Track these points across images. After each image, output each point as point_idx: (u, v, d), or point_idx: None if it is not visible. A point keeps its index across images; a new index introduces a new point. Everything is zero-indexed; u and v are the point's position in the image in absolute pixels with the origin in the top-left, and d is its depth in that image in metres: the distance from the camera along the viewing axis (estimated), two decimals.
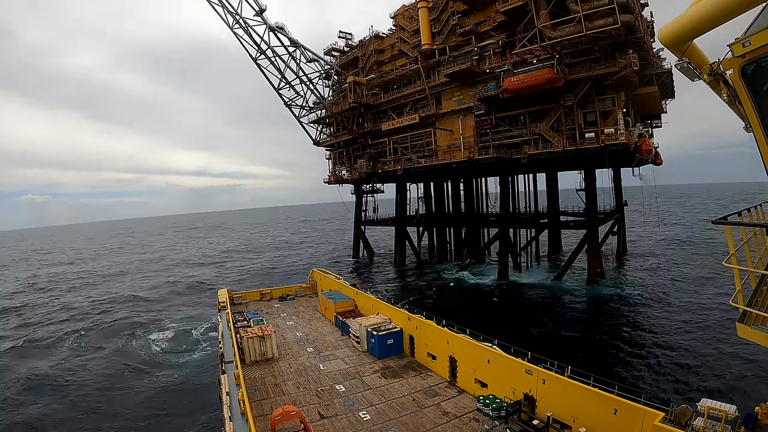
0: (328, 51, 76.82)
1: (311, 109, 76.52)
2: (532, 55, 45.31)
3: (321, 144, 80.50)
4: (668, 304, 39.24)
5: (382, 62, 69.46)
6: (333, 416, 19.88)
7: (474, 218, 74.09)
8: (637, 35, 40.71)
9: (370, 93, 68.79)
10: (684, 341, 30.40)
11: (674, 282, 47.77)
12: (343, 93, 71.19)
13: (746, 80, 7.35)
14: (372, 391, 22.40)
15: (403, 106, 65.70)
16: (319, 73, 76.08)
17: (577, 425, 16.19)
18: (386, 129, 66.48)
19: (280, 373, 25.35)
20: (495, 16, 51.22)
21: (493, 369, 20.50)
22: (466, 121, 56.59)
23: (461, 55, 55.47)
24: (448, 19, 57.47)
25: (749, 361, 24.89)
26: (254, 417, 17.64)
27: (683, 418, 13.22)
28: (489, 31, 53.13)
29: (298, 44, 71.05)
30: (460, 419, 19.08)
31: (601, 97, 45.26)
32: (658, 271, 57.64)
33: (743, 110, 7.77)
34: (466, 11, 55.23)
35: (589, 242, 50.41)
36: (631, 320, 36.90)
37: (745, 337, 7.60)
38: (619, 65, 41.46)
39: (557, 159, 48.95)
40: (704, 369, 25.79)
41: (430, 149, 61.49)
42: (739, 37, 7.06)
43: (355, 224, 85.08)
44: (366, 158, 70.15)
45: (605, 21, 38.41)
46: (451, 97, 58.30)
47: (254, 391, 22.68)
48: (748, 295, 8.06)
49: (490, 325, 42.48)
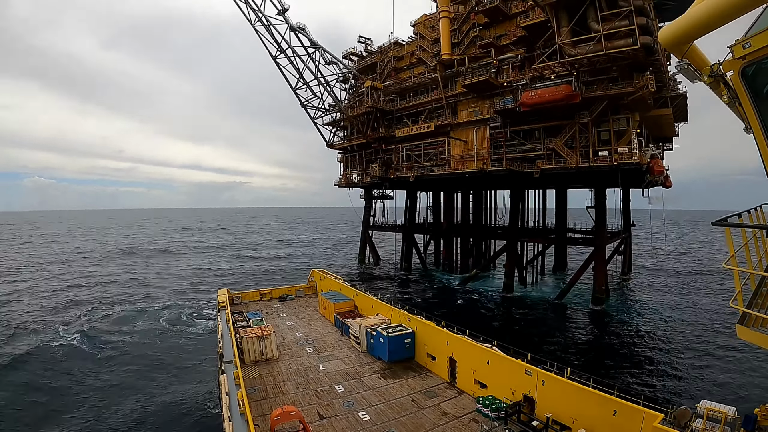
0: (347, 55, 77.81)
1: (327, 111, 77.31)
2: (550, 71, 45.78)
3: (334, 146, 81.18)
4: (668, 306, 39.07)
5: (400, 69, 70.22)
6: (332, 416, 20.01)
7: (482, 230, 74.19)
8: (655, 57, 41.02)
9: (386, 99, 69.49)
10: (683, 343, 30.34)
11: (676, 292, 47.55)
12: (360, 97, 71.98)
13: (746, 82, 7.36)
14: (371, 392, 22.55)
15: (418, 113, 66.25)
16: (337, 76, 76.98)
17: (576, 426, 16.30)
18: (400, 135, 67.01)
19: (279, 373, 25.48)
20: (515, 30, 51.84)
21: (492, 370, 20.65)
22: (480, 133, 57.02)
23: (480, 67, 56.02)
24: (468, 30, 58.16)
25: (749, 363, 24.78)
26: (253, 417, 17.81)
27: (683, 420, 13.32)
28: (509, 45, 53.67)
29: (318, 46, 72.00)
30: (459, 420, 19.23)
31: (616, 116, 45.48)
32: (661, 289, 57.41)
33: (743, 112, 7.86)
34: (487, 24, 55.86)
35: (596, 259, 50.35)
36: (632, 323, 36.84)
37: (744, 339, 7.65)
38: (636, 86, 41.75)
39: (569, 175, 49.12)
40: (704, 370, 25.71)
41: (443, 158, 61.90)
42: (740, 38, 7.17)
43: (363, 229, 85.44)
44: (379, 163, 70.66)
45: (625, 42, 38.75)
46: (467, 107, 58.80)
47: (254, 391, 22.80)
48: (748, 297, 8.09)
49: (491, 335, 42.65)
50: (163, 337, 42.21)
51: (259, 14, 67.92)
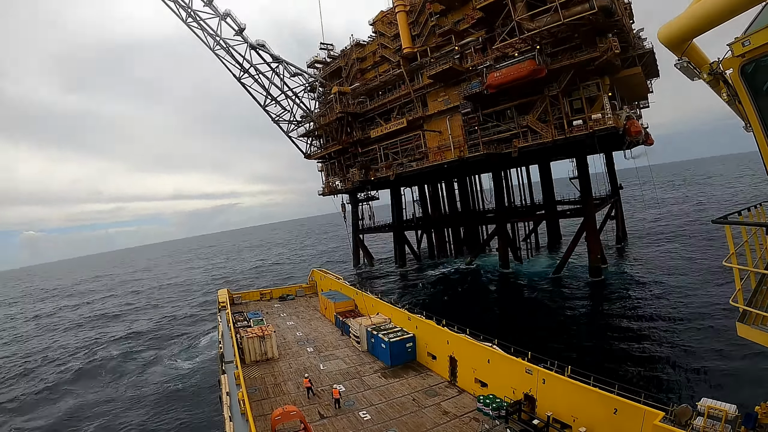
0: (311, 64, 77.13)
1: (299, 122, 76.58)
2: (512, 49, 45.29)
3: (312, 157, 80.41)
4: (668, 302, 38.95)
5: (365, 70, 69.64)
6: (333, 416, 19.92)
7: (471, 216, 73.88)
8: (616, 18, 40.68)
9: (356, 101, 68.87)
10: (684, 340, 30.24)
11: (675, 276, 47.26)
12: (329, 104, 71.27)
13: (746, 79, 7.34)
14: (372, 391, 22.44)
15: (389, 111, 65.71)
16: (304, 86, 76.26)
17: (577, 425, 16.12)
18: (375, 136, 66.41)
19: (280, 373, 25.53)
20: (472, 13, 51.34)
21: (493, 369, 20.52)
22: (453, 121, 56.52)
23: (443, 56, 55.58)
24: (426, 20, 57.69)
25: (749, 361, 24.71)
26: (254, 417, 17.68)
27: (683, 418, 13.19)
28: (468, 29, 53.31)
29: (280, 59, 71.29)
30: (460, 419, 19.03)
31: (586, 83, 45.23)
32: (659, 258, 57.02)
33: (743, 110, 7.80)
34: (443, 11, 55.47)
35: (587, 229, 50.05)
36: (631, 319, 36.58)
37: (745, 337, 7.64)
38: (600, 50, 41.46)
39: (548, 149, 48.81)
40: (704, 368, 25.77)
41: (420, 152, 61.37)
42: (739, 36, 7.09)
43: (353, 233, 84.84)
44: (358, 167, 70.03)
45: (582, 7, 38.40)
46: (436, 98, 58.27)
47: (254, 391, 22.79)
48: (749, 294, 8.09)
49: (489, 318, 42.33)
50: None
51: (216, 38, 67.14)
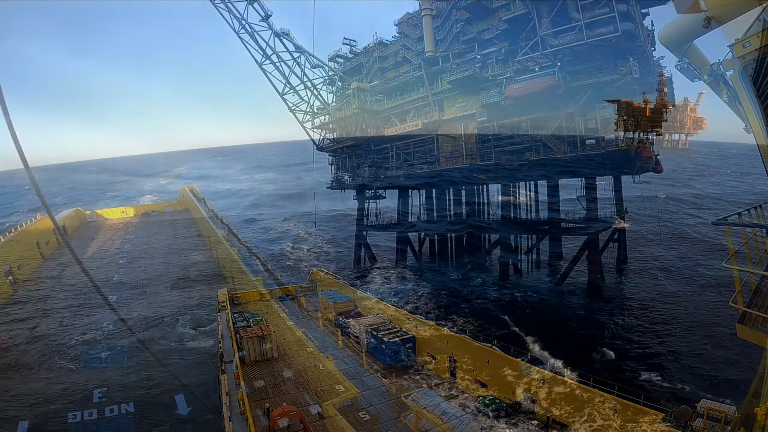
0: (333, 57, 77.48)
1: (315, 114, 77.09)
2: (534, 63, 45.87)
3: (324, 149, 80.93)
4: (668, 305, 39.25)
5: (386, 69, 70.12)
6: (332, 416, 20.00)
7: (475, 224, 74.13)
8: (638, 43, 41.23)
9: (373, 99, 69.39)
10: (683, 342, 30.45)
11: (675, 277, 47.60)
12: (347, 99, 71.80)
13: (746, 81, 7.31)
14: (371, 392, 22.57)
15: (406, 112, 66.19)
16: (323, 78, 76.74)
17: (576, 425, 16.33)
18: (389, 135, 66.94)
19: (280, 373, 25.56)
20: (498, 24, 51.88)
21: (492, 369, 20.70)
22: (468, 128, 57.03)
23: (464, 63, 56.09)
24: (451, 26, 58.18)
25: (749, 362, 24.91)
26: (254, 417, 17.80)
27: (683, 419, 13.31)
28: (492, 39, 53.79)
29: (302, 50, 71.67)
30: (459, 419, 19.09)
31: (602, 104, 45.68)
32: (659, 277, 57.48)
33: (743, 111, 7.72)
34: (469, 19, 55.93)
35: (589, 249, 50.53)
36: (631, 321, 36.93)
37: (744, 338, 7.57)
38: (620, 73, 41.95)
39: (558, 166, 49.33)
40: (704, 370, 25.87)
41: (432, 155, 61.87)
42: (740, 38, 7.01)
43: (357, 230, 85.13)
44: (368, 164, 70.54)
45: (606, 29, 38.98)
46: (453, 104, 58.81)
47: (254, 391, 22.82)
48: (749, 296, 7.89)
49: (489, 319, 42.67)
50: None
51: (242, 22, 67.59)
